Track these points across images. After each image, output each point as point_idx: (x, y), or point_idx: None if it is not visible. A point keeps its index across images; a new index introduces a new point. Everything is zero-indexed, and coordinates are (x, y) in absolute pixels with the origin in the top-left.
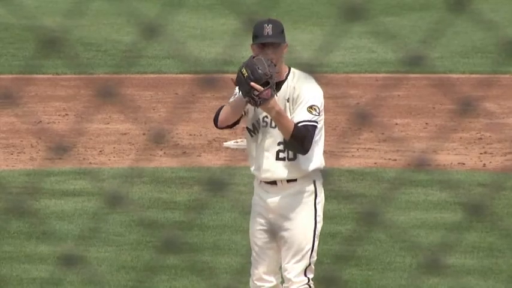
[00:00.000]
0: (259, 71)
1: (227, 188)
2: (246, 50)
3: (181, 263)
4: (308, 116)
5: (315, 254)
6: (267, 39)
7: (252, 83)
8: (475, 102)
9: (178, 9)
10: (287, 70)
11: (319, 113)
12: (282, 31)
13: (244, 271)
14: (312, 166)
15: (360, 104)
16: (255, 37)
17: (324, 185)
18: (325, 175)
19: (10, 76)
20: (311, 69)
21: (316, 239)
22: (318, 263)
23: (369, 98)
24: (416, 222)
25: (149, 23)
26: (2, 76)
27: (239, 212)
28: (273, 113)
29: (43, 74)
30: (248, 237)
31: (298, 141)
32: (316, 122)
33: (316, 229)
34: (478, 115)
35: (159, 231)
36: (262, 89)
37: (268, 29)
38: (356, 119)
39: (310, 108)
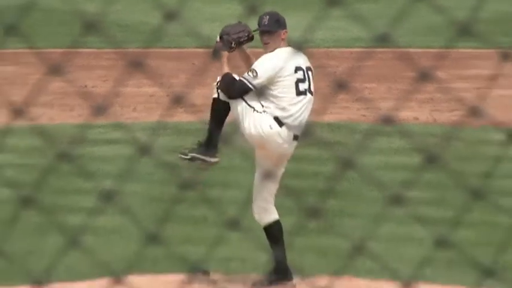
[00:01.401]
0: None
1: (233, 137)
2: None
3: (197, 196)
4: (244, 75)
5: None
6: (261, 28)
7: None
8: (428, 71)
9: None
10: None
11: (255, 76)
12: (277, 20)
13: (247, 203)
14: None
15: (337, 73)
16: (258, 26)
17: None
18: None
19: (60, 50)
20: (299, 45)
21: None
22: (305, 197)
23: (344, 67)
24: (381, 164)
25: (171, 9)
26: (55, 50)
27: (243, 156)
28: (220, 62)
29: (88, 48)
30: (251, 177)
31: (222, 86)
32: (247, 81)
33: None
34: (431, 81)
35: (180, 171)
36: (217, 41)
37: (265, 19)
38: (334, 84)
39: (250, 70)
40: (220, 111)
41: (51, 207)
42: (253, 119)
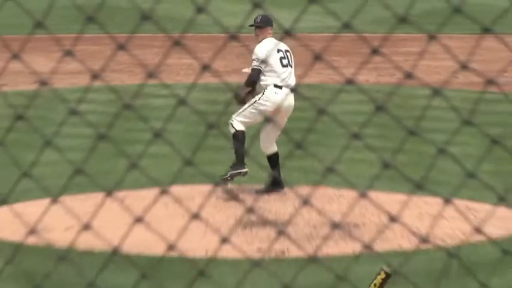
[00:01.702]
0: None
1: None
2: (250, 21)
3: (219, 133)
4: (252, 65)
5: (239, 117)
6: (255, 24)
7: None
8: (377, 48)
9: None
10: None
11: (257, 60)
12: (266, 20)
13: (254, 138)
14: (264, 84)
15: (314, 49)
16: (253, 22)
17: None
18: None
19: (125, 35)
20: (290, 32)
21: (242, 113)
22: (293, 133)
23: (319, 46)
24: (345, 110)
25: (200, 5)
26: (122, 34)
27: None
28: (240, 99)
29: (146, 33)
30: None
31: (248, 84)
32: (255, 65)
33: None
34: (378, 55)
35: (208, 116)
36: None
37: (258, 19)
38: (311, 57)
39: (252, 60)
40: (240, 139)
41: (120, 141)
42: (263, 101)
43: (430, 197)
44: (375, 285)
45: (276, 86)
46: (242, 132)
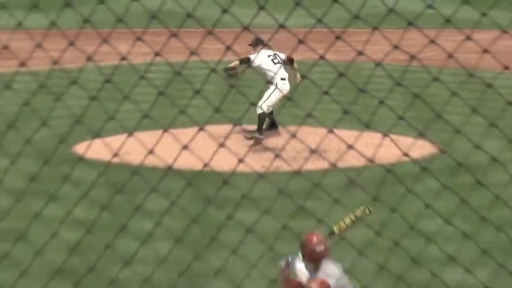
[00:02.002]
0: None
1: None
2: (256, 20)
3: (238, 92)
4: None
5: (267, 101)
6: (251, 43)
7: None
8: (339, 37)
9: (236, 5)
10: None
11: (251, 56)
12: (258, 40)
13: (260, 96)
14: (272, 77)
15: (298, 38)
16: (251, 42)
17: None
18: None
19: (175, 29)
20: (284, 26)
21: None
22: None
23: (301, 36)
24: (318, 77)
25: (225, 7)
26: (174, 29)
27: (257, 74)
28: (229, 73)
29: (189, 28)
30: (261, 84)
31: (242, 62)
32: (248, 56)
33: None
34: (339, 40)
35: (230, 81)
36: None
37: (253, 39)
38: (296, 43)
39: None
40: (263, 118)
41: (173, 96)
42: (280, 87)
43: (373, 132)
44: (356, 217)
45: (282, 78)
46: (266, 114)
